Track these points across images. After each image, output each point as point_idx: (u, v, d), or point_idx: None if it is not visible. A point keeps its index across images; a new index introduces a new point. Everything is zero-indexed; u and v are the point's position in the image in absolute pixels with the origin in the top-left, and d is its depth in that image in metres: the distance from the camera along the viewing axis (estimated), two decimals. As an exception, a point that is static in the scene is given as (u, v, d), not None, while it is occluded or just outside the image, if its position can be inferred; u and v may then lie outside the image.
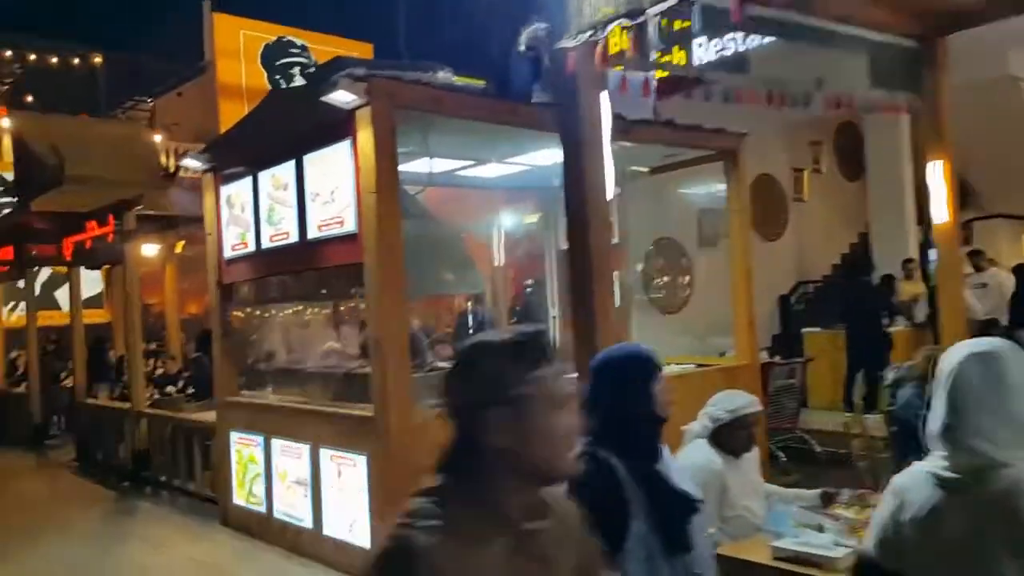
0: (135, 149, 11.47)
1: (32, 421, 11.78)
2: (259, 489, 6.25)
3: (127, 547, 6.58)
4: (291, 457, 5.87)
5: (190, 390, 9.92)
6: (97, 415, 9.90)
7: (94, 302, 19.22)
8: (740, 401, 3.40)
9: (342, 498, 5.32)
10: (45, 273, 19.46)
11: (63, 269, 13.19)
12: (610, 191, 3.83)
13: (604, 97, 3.75)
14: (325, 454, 5.49)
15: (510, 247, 9.20)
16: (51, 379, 12.62)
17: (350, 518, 5.25)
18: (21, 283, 12.68)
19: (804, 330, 9.85)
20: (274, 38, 19.64)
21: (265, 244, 6.14)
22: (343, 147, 5.24)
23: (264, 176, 6.12)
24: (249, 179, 6.33)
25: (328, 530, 5.47)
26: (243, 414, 6.54)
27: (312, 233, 5.58)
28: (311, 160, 5.57)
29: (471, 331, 10.83)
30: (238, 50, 19.13)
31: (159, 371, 11.41)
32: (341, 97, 4.93)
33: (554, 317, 8.80)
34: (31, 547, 6.53)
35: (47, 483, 9.26)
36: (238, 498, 6.53)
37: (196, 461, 7.86)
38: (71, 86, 19.14)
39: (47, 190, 10.19)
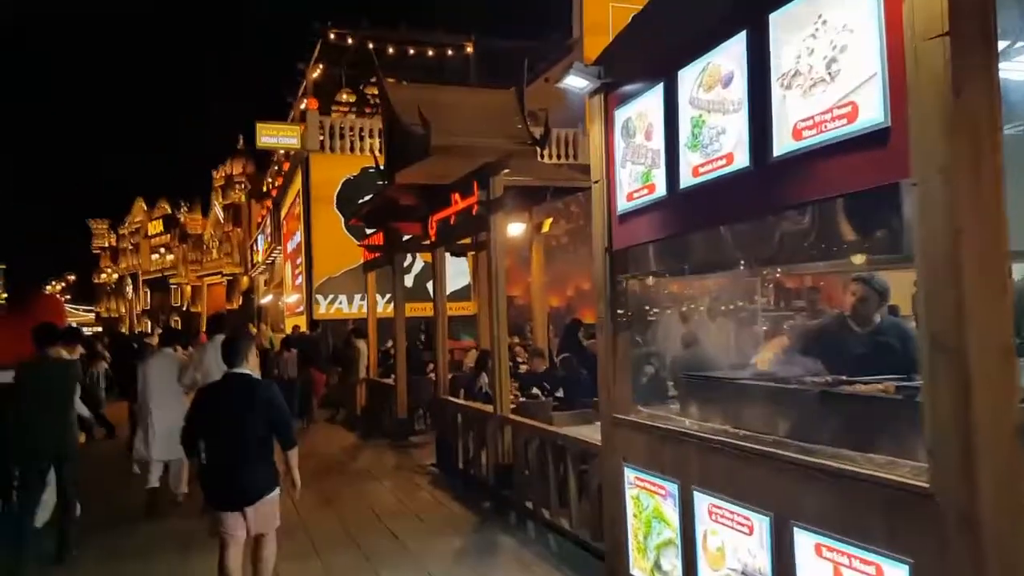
0: (501, 117, 10.20)
1: (397, 415, 11.12)
2: (671, 564, 4.03)
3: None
4: (733, 528, 3.54)
5: (558, 393, 8.31)
6: (458, 415, 8.63)
7: (461, 295, 19.31)
8: None
9: (847, 631, 2.85)
10: (419, 265, 20.01)
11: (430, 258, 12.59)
12: None
13: None
14: (806, 541, 3.06)
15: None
16: (419, 370, 11.98)
17: (866, 674, 2.76)
18: (393, 271, 12.22)
19: None
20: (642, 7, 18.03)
21: (685, 182, 3.89)
22: (860, -30, 2.80)
23: (687, 74, 3.89)
24: (659, 88, 4.16)
25: None
26: (643, 442, 4.37)
27: (782, 146, 3.19)
28: (784, 18, 3.19)
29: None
30: (607, 25, 17.86)
31: (523, 367, 10.03)
32: None
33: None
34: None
35: (404, 493, 8.09)
36: (636, 568, 4.38)
37: (570, 489, 6.02)
38: (445, 73, 19.35)
39: (414, 162, 9.23)
